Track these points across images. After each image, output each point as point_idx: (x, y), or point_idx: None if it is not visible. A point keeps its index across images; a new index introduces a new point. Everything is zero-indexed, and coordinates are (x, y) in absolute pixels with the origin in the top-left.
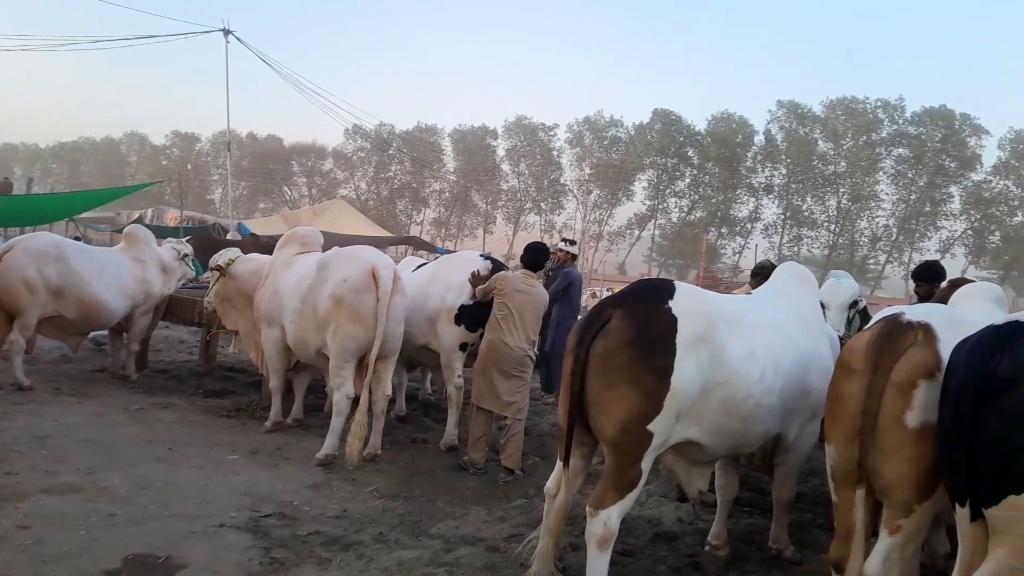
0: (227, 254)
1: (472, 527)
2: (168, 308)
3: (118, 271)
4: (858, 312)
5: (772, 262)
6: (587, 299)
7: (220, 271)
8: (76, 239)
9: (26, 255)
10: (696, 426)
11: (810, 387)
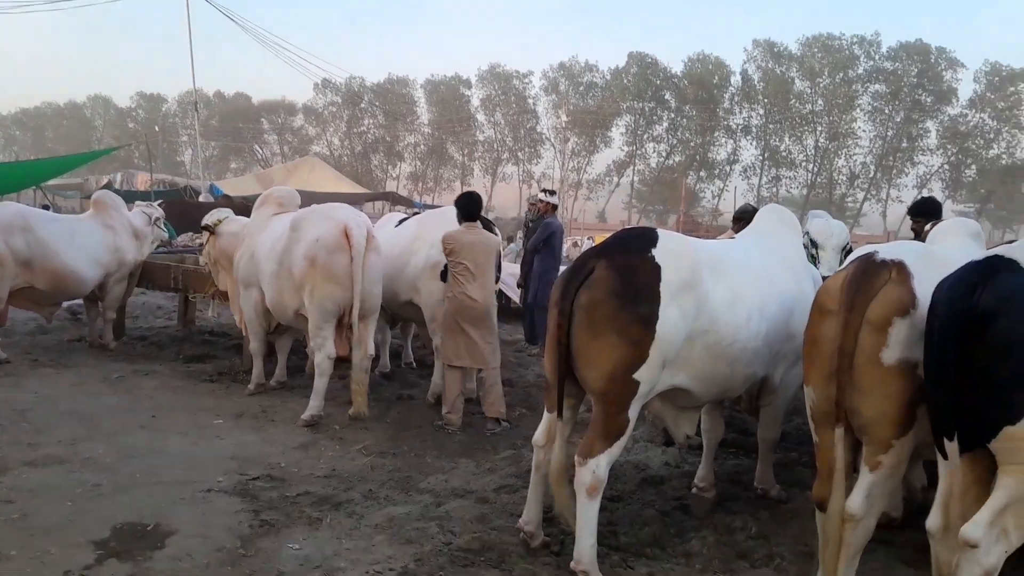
0: (217, 214)
1: (461, 480)
2: (143, 274)
3: (88, 239)
4: (848, 255)
5: (753, 206)
6: (569, 248)
7: (209, 230)
8: (45, 207)
9: None
10: (683, 373)
11: (795, 330)
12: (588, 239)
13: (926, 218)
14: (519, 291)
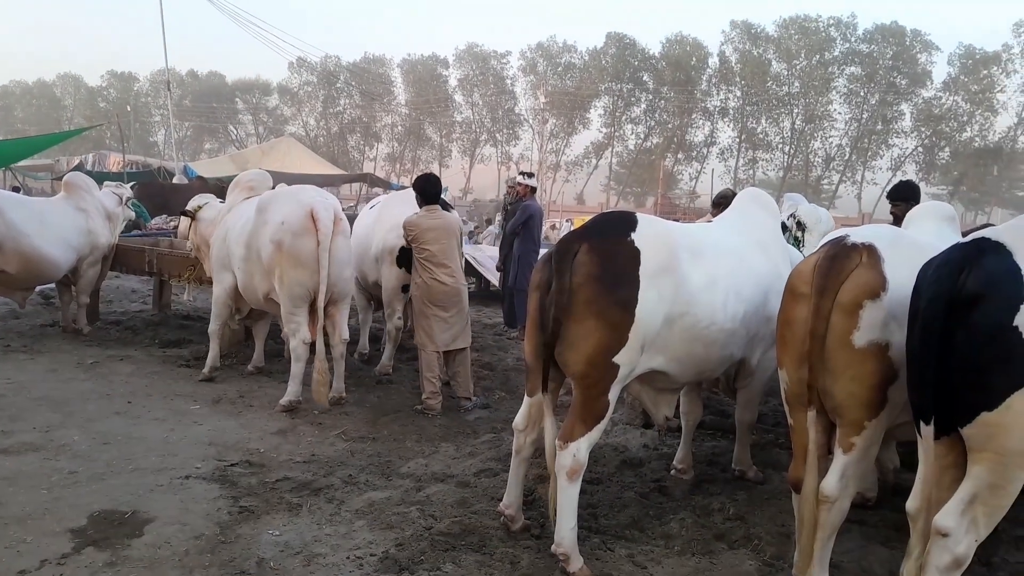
0: (199, 199)
1: (442, 464)
2: (118, 257)
3: (60, 222)
4: None
5: (733, 190)
6: (547, 231)
7: (189, 215)
8: (15, 189)
9: None
10: (661, 356)
11: (771, 312)
12: (567, 221)
13: (905, 202)
14: (498, 274)
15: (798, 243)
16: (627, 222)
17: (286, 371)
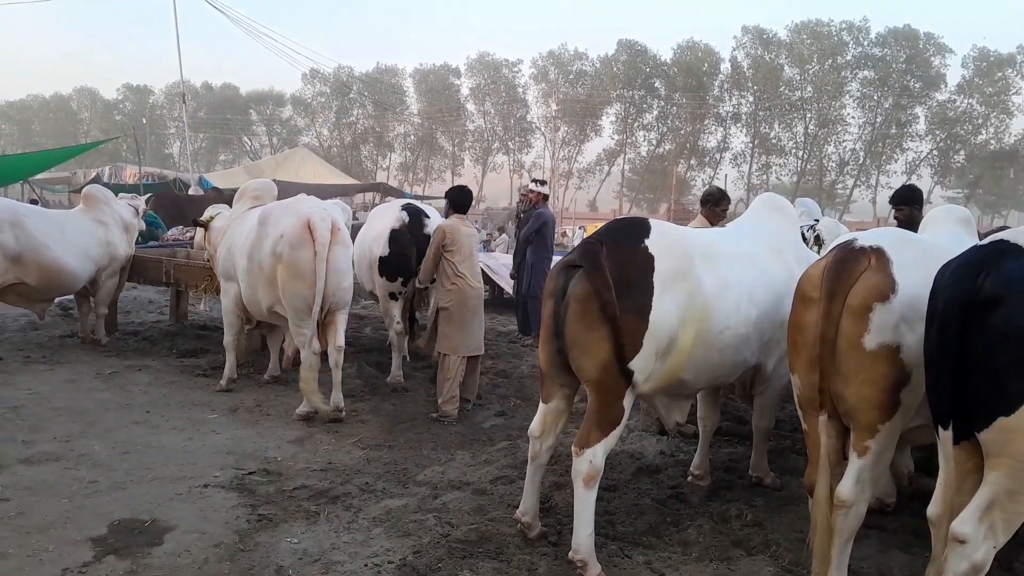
0: (212, 210)
1: (458, 472)
2: (135, 268)
3: (79, 234)
4: None
5: (720, 188)
6: (559, 237)
7: (201, 225)
8: (33, 202)
9: None
10: (675, 362)
11: (786, 318)
12: (580, 228)
13: (908, 205)
14: (512, 282)
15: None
16: (641, 228)
17: None
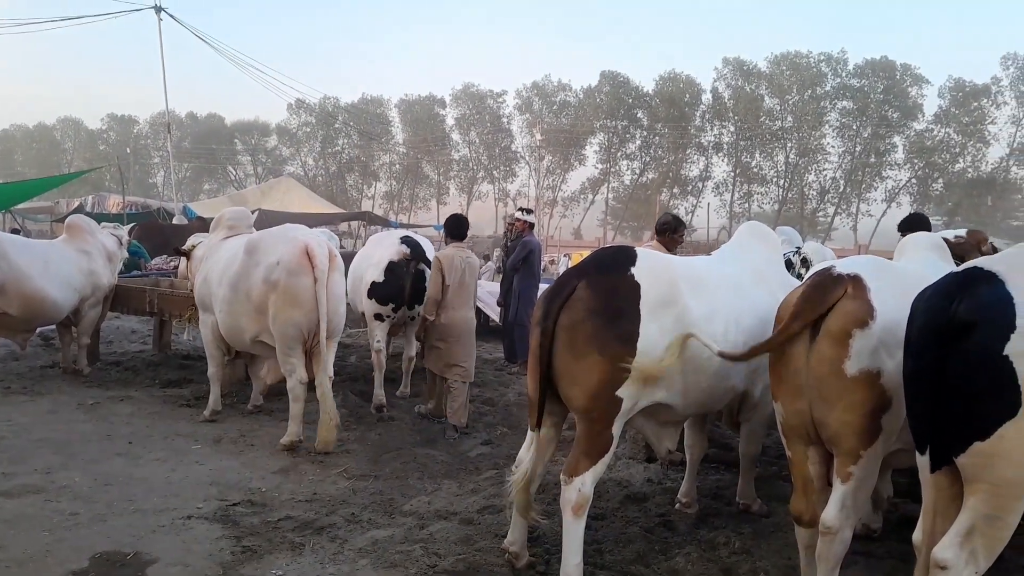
0: (191, 239)
1: (445, 502)
2: (118, 298)
3: (62, 264)
4: None
5: (674, 215)
6: (545, 265)
7: (183, 254)
8: (15, 231)
9: None
10: (663, 389)
11: None
12: (565, 256)
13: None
14: (499, 310)
15: (802, 280)
16: (627, 256)
17: (286, 410)
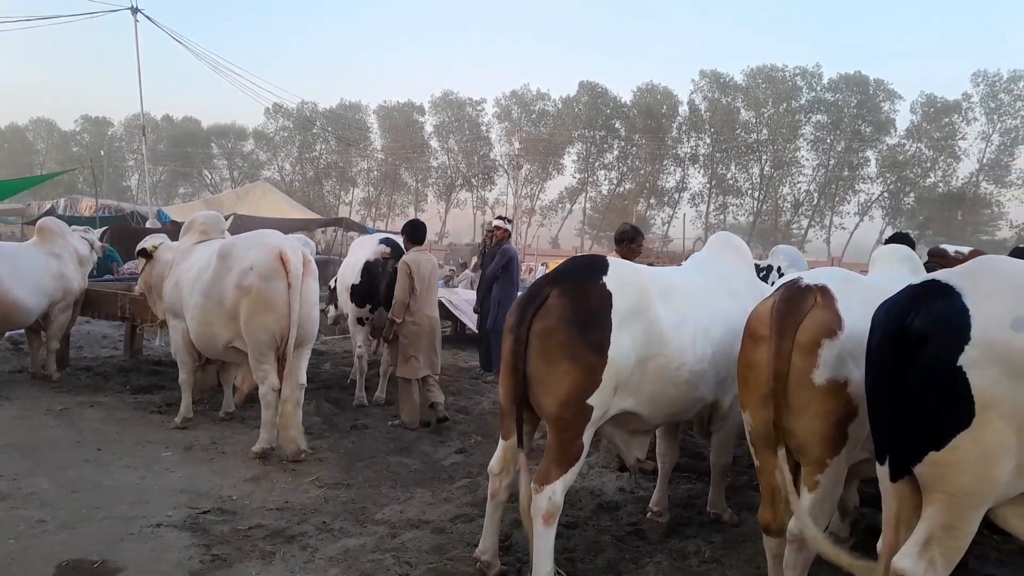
0: (153, 239)
1: (417, 510)
2: (89, 302)
3: (32, 267)
4: None
5: (633, 226)
6: (525, 273)
7: (146, 256)
8: None
9: None
10: (633, 397)
11: None
12: (542, 265)
13: None
14: (475, 318)
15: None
16: (598, 266)
17: (258, 417)
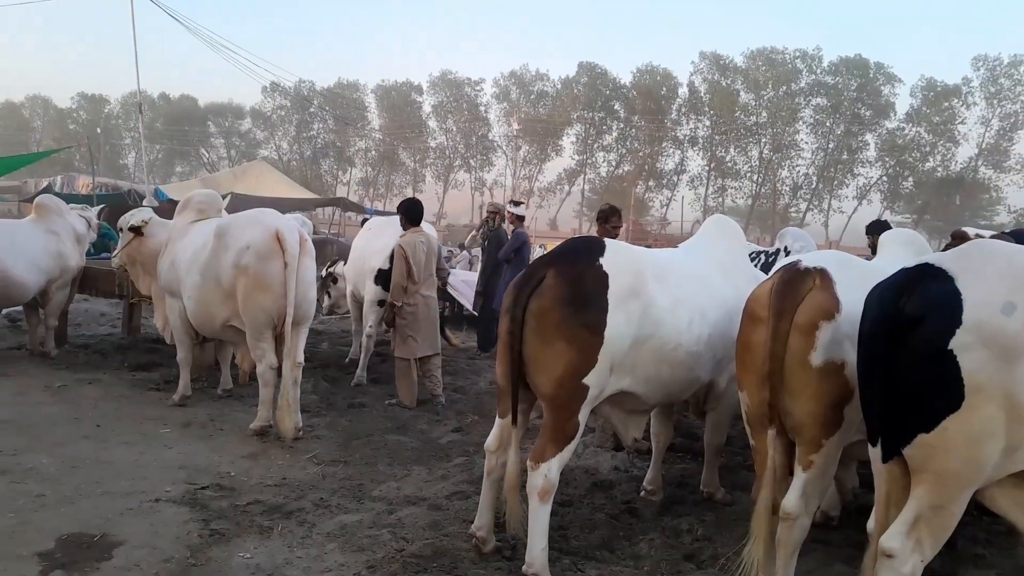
0: (140, 214)
1: (414, 487)
2: (88, 280)
3: (30, 244)
4: None
5: (611, 205)
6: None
7: (137, 232)
8: None
9: None
10: (629, 377)
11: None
12: (540, 247)
13: (878, 235)
14: (472, 298)
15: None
16: (595, 247)
17: (256, 395)
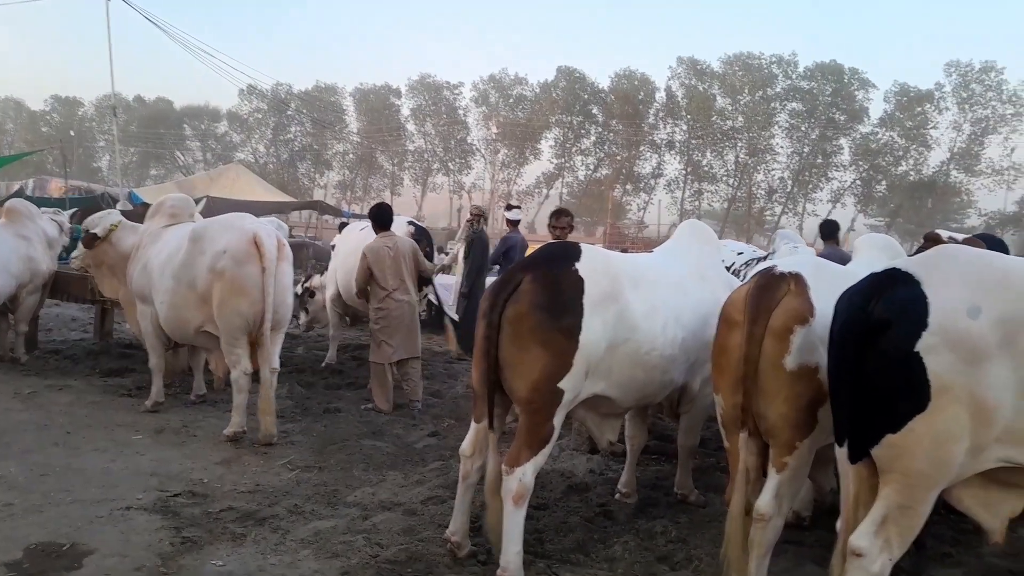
0: (108, 218)
1: (389, 493)
2: (59, 285)
3: (0, 249)
4: None
5: (560, 207)
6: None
7: (98, 239)
8: None
9: None
10: (604, 381)
11: (711, 339)
12: None
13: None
14: (452, 302)
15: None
16: (572, 252)
17: (229, 401)
